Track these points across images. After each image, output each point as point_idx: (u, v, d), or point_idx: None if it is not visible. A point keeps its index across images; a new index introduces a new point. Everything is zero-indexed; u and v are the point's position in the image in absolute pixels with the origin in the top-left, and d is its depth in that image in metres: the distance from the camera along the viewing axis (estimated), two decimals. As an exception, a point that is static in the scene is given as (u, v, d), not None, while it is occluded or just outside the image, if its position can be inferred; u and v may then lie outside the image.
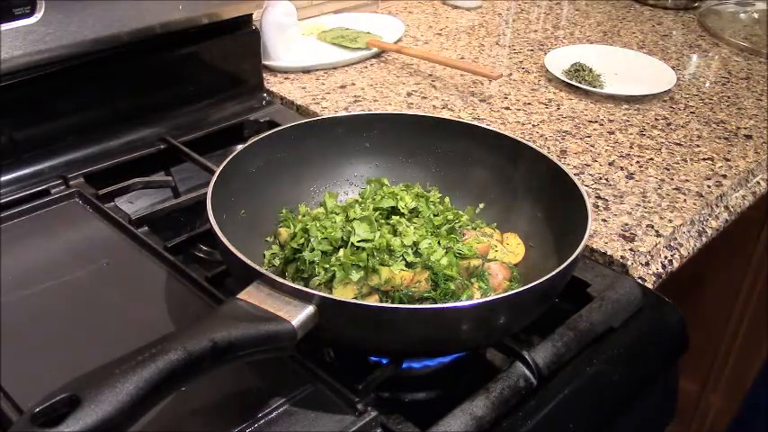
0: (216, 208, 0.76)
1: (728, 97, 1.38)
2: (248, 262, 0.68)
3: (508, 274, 0.83)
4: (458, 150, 0.96)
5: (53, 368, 0.71)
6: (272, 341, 0.61)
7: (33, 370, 0.72)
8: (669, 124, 1.27)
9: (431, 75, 1.41)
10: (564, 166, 0.85)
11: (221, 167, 0.83)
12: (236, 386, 0.71)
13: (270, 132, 0.92)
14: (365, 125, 0.97)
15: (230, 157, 0.85)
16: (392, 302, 0.76)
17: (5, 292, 0.81)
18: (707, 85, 1.43)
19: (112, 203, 0.98)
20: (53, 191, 0.99)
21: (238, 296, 0.64)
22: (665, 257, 0.96)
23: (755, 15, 1.80)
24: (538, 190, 0.90)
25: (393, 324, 0.67)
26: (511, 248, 0.88)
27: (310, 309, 0.63)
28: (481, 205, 0.94)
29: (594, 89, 1.35)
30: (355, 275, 0.76)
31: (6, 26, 0.92)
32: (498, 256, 0.86)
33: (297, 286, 0.65)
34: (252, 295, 0.64)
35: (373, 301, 0.76)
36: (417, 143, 0.97)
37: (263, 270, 0.67)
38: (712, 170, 1.13)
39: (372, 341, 0.71)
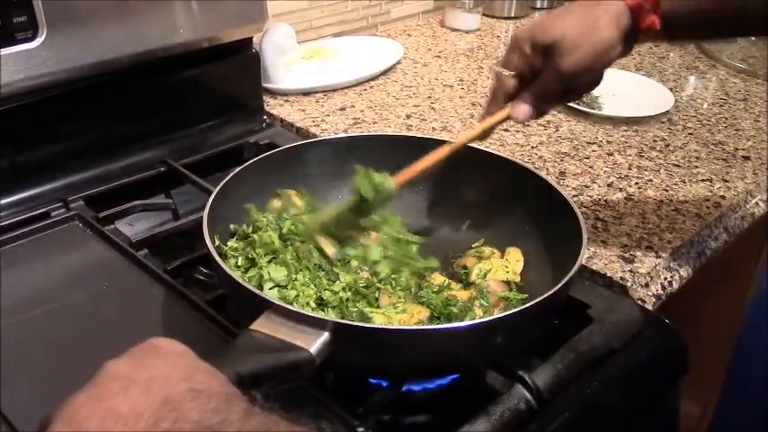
0: (213, 233, 0.76)
1: (726, 119, 1.38)
2: (251, 288, 0.69)
3: (506, 290, 0.84)
4: (455, 172, 0.96)
5: (53, 392, 0.71)
6: (293, 371, 0.61)
7: (33, 394, 0.71)
8: (667, 145, 1.27)
9: (430, 97, 1.41)
10: (561, 188, 0.86)
11: (214, 193, 0.83)
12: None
13: (263, 155, 0.93)
14: (357, 147, 0.97)
15: (224, 181, 0.85)
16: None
17: (5, 316, 0.81)
18: (705, 106, 1.44)
19: (112, 226, 0.98)
20: (53, 213, 0.99)
21: (251, 327, 0.63)
22: (665, 279, 0.96)
23: (752, 37, 1.81)
24: (536, 212, 0.90)
25: (408, 345, 0.68)
26: (511, 264, 0.88)
27: (326, 335, 0.63)
28: (467, 222, 0.95)
29: (593, 111, 1.36)
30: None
31: (8, 50, 0.93)
32: (491, 275, 0.86)
33: (309, 314, 0.65)
34: (265, 325, 0.63)
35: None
36: (410, 164, 0.97)
37: (271, 299, 0.67)
38: (711, 191, 1.13)
39: (381, 363, 0.71)
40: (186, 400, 0.45)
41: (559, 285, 0.70)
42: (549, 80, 0.82)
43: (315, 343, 0.62)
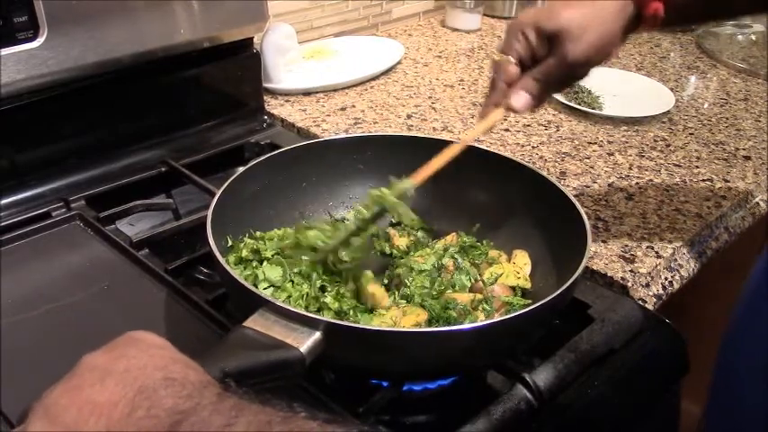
0: (216, 233, 0.76)
1: (727, 118, 1.38)
2: (247, 285, 0.69)
3: (510, 294, 0.84)
4: (455, 172, 0.96)
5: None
6: (281, 369, 0.61)
7: (34, 393, 0.71)
8: (668, 145, 1.27)
9: (430, 97, 1.41)
10: (563, 188, 0.86)
11: (220, 192, 0.83)
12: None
13: (267, 156, 0.93)
14: (357, 147, 0.97)
15: (228, 180, 0.85)
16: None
17: (6, 315, 0.81)
18: (705, 106, 1.44)
19: (113, 226, 0.98)
20: (54, 213, 0.99)
21: (244, 324, 0.64)
22: (666, 279, 0.96)
23: (753, 37, 1.81)
24: (537, 212, 0.90)
25: (401, 348, 0.67)
26: (518, 267, 0.88)
27: (317, 335, 0.63)
28: (477, 225, 0.94)
29: (593, 111, 1.36)
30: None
31: (9, 50, 0.93)
32: (502, 280, 0.86)
33: (303, 312, 0.65)
34: (258, 322, 0.64)
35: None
36: (412, 165, 0.97)
37: (267, 297, 0.67)
38: (712, 191, 1.13)
39: (378, 365, 0.70)
40: (160, 388, 0.46)
41: (562, 289, 0.70)
42: (554, 68, 0.80)
43: (306, 342, 0.62)
